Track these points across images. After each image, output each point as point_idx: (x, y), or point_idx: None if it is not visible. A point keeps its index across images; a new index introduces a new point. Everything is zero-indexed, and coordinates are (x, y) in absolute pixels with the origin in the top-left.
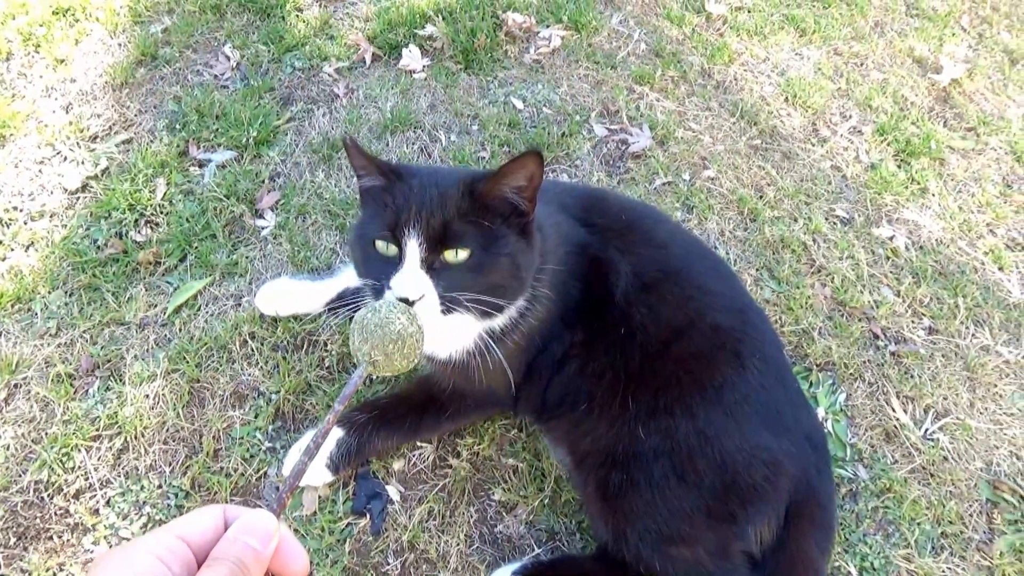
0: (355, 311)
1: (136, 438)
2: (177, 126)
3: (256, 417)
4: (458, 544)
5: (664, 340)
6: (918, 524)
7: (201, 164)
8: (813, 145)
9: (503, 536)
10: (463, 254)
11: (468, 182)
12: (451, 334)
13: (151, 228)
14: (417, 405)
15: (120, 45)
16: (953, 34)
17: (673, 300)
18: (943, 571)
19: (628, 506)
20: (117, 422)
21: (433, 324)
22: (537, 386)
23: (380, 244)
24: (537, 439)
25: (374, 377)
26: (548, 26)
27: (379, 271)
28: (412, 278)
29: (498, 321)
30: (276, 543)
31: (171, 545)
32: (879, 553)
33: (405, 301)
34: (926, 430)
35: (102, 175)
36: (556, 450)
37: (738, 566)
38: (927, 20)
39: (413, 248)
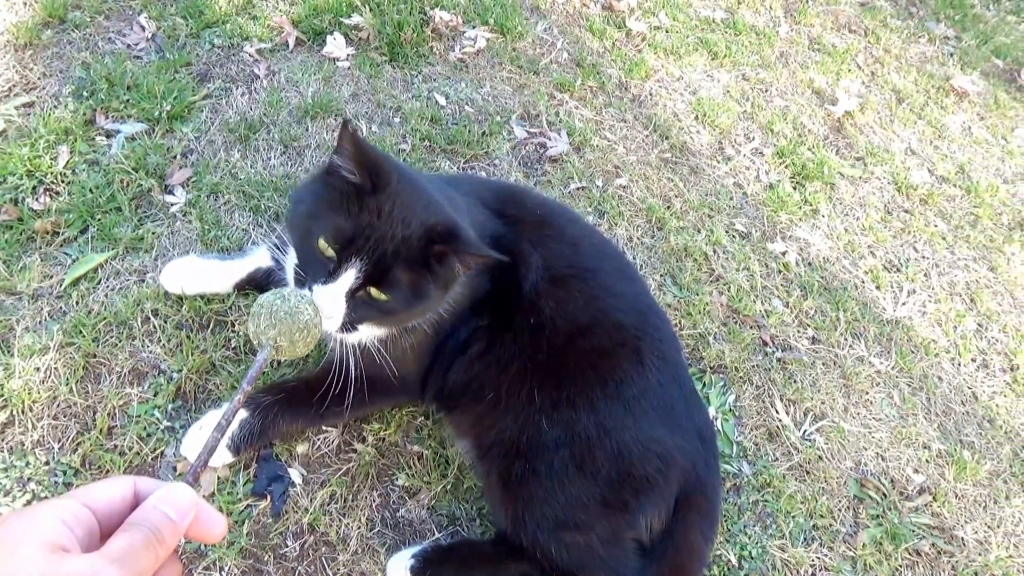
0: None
1: (23, 412)
2: (84, 93)
3: (155, 395)
4: (359, 527)
5: (570, 335)
6: (793, 517)
7: (109, 134)
8: (718, 162)
9: (405, 520)
10: (385, 296)
11: (431, 235)
12: None
13: (51, 196)
14: (324, 391)
15: (25, 4)
16: (849, 70)
17: (581, 297)
18: (813, 560)
19: (528, 494)
20: (3, 395)
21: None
22: (440, 367)
23: (322, 244)
24: (443, 427)
25: (281, 360)
26: (474, 27)
27: (309, 265)
28: (334, 300)
29: None
30: (193, 516)
31: (76, 510)
32: (757, 543)
33: None
34: (805, 431)
35: None
36: (460, 441)
37: (628, 552)
38: (827, 55)
39: (350, 276)
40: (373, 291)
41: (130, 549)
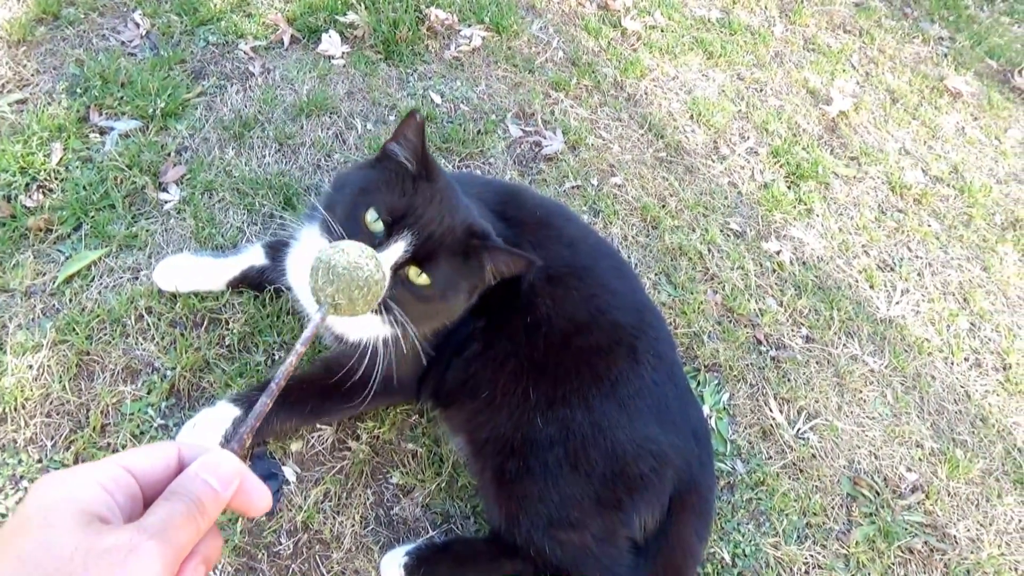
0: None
1: (16, 410)
2: (78, 90)
3: (149, 393)
4: (353, 525)
5: (567, 333)
6: (786, 515)
7: (102, 131)
8: (713, 161)
9: (399, 518)
10: (423, 280)
11: (473, 232)
12: (366, 322)
13: (44, 194)
14: (319, 389)
15: (19, 0)
16: (844, 70)
17: (578, 295)
18: (806, 558)
19: (522, 492)
20: None
21: None
22: (438, 368)
23: (371, 216)
24: (437, 425)
25: (275, 357)
26: (470, 25)
27: (353, 235)
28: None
29: None
30: (236, 486)
31: (116, 475)
32: (751, 541)
33: None
34: (798, 429)
35: None
36: (454, 438)
37: (622, 551)
38: (822, 55)
39: (398, 248)
40: (412, 272)
41: (170, 521)
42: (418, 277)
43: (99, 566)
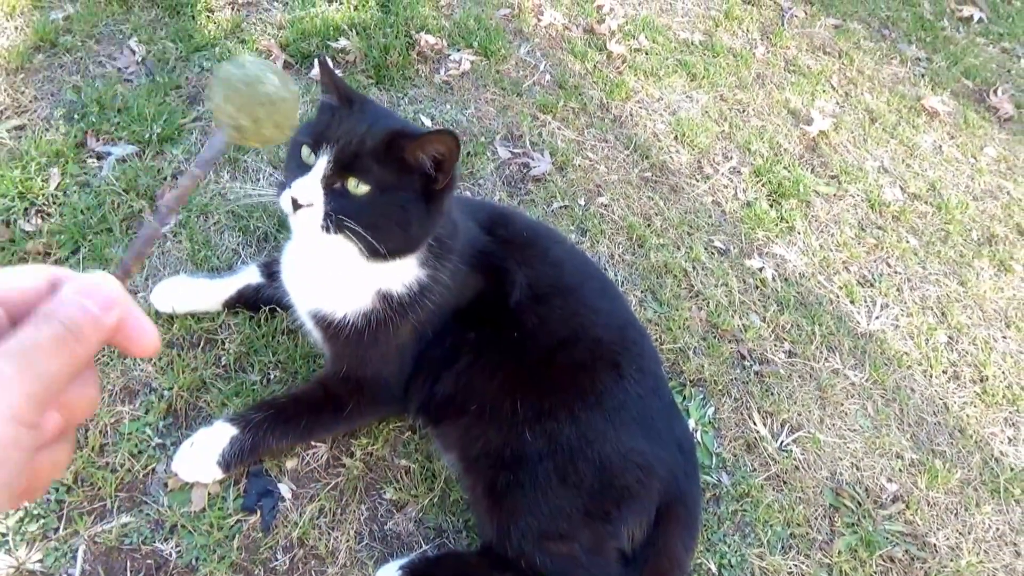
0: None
1: None
2: (75, 116)
3: (147, 413)
4: (348, 540)
5: (551, 348)
6: (771, 526)
7: (100, 156)
8: (697, 181)
9: (392, 533)
10: (363, 188)
11: (393, 132)
12: (347, 289)
13: (42, 218)
14: (313, 405)
15: (17, 28)
16: (824, 91)
17: (562, 313)
18: (790, 568)
19: (512, 505)
20: None
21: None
22: (427, 379)
23: (304, 150)
24: (430, 441)
25: (271, 376)
26: (459, 50)
27: (292, 171)
28: (309, 185)
29: (396, 286)
30: (118, 312)
31: None
32: (736, 552)
33: (294, 204)
34: (782, 442)
35: None
36: (446, 455)
37: (611, 562)
38: (802, 76)
39: (322, 163)
40: (349, 181)
41: (33, 344)
42: (356, 188)
43: None
